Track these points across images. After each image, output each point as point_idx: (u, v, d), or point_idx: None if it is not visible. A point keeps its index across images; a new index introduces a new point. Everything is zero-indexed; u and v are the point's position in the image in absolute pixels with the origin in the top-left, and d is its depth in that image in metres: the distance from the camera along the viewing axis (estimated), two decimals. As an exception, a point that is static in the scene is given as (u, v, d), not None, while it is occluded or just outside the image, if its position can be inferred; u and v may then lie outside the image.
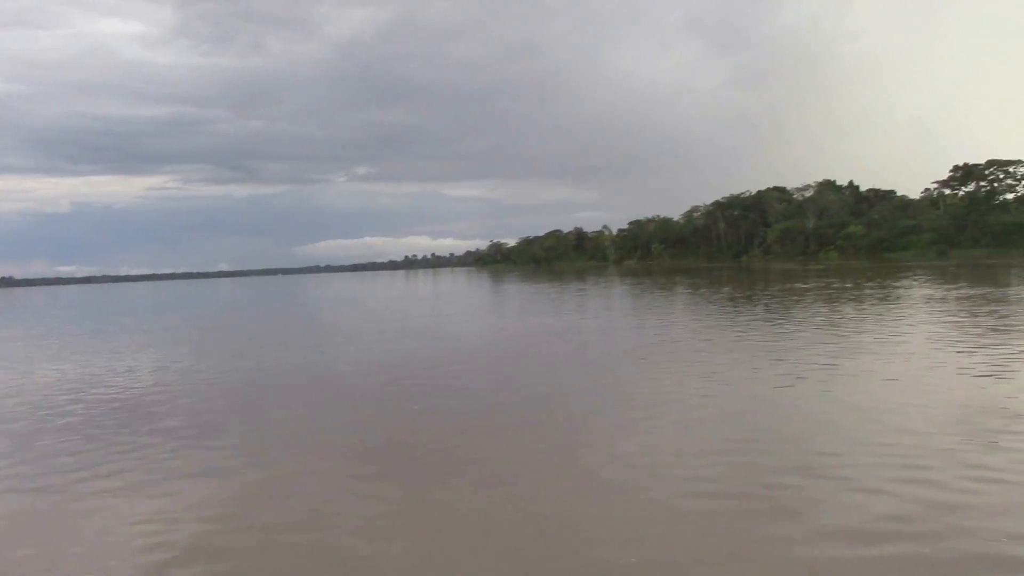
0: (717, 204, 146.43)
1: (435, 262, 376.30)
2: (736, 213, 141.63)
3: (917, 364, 14.32)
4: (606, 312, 33.47)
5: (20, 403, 14.69)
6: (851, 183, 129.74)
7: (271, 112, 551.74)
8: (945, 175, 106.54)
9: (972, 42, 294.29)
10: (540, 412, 11.72)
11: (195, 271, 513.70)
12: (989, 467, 7.75)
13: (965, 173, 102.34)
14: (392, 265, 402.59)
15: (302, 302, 62.20)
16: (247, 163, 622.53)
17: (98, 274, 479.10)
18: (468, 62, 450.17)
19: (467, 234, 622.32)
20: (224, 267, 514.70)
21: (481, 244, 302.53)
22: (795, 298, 34.60)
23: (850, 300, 31.92)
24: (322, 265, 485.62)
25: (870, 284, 43.20)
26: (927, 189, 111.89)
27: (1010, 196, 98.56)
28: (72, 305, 77.08)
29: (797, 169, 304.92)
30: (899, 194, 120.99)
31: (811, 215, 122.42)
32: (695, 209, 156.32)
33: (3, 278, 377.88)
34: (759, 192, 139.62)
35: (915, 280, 45.00)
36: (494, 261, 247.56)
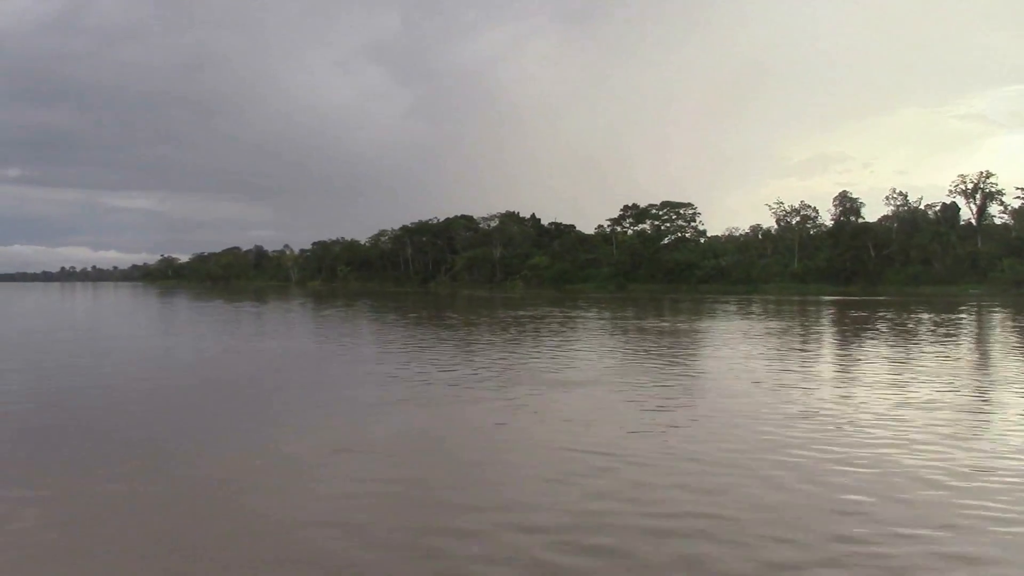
0: (405, 229, 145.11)
1: (96, 275, 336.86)
2: (424, 239, 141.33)
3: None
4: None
5: None
6: (533, 216, 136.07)
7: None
8: (616, 213, 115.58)
9: (632, 91, 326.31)
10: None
11: None
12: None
13: (639, 213, 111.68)
14: (46, 277, 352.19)
15: None
16: None
17: None
18: (139, 68, 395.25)
19: (133, 247, 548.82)
20: None
21: (149, 258, 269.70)
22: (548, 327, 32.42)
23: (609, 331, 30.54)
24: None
25: (582, 313, 43.73)
26: (600, 226, 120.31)
27: (679, 236, 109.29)
28: None
29: (482, 200, 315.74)
30: (577, 228, 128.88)
31: (498, 245, 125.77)
32: (383, 233, 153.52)
33: None
34: (447, 220, 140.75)
35: (604, 309, 46.03)
36: (164, 277, 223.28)
